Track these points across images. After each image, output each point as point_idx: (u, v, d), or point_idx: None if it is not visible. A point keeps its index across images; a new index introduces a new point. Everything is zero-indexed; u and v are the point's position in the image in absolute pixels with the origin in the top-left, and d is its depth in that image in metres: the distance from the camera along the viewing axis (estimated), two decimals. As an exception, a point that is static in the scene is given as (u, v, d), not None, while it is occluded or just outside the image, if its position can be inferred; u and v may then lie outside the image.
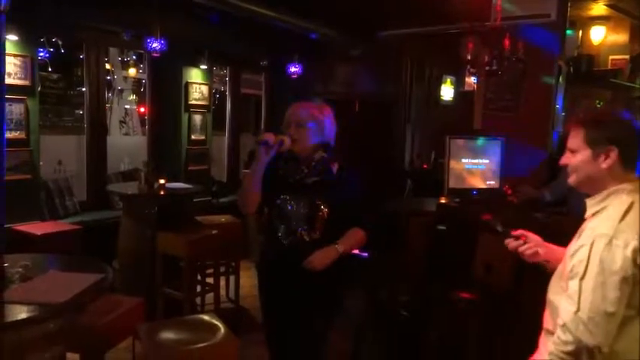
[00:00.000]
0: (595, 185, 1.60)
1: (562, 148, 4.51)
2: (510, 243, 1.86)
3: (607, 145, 1.55)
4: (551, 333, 1.58)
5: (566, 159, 1.64)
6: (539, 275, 1.89)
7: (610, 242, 1.45)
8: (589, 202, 1.63)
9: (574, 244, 1.59)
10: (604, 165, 1.56)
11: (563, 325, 1.48)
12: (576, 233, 1.63)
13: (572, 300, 1.48)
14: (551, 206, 3.44)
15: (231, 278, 4.75)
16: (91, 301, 2.02)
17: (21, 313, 1.82)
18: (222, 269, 4.61)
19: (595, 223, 1.56)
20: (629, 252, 1.44)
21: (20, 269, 2.15)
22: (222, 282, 4.62)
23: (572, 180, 1.65)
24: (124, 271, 4.15)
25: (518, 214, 3.34)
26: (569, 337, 1.46)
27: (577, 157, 1.61)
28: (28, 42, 4.41)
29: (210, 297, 4.27)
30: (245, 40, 6.24)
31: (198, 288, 4.33)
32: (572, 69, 4.90)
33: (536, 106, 4.09)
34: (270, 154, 2.13)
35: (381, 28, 6.17)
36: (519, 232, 1.86)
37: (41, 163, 4.75)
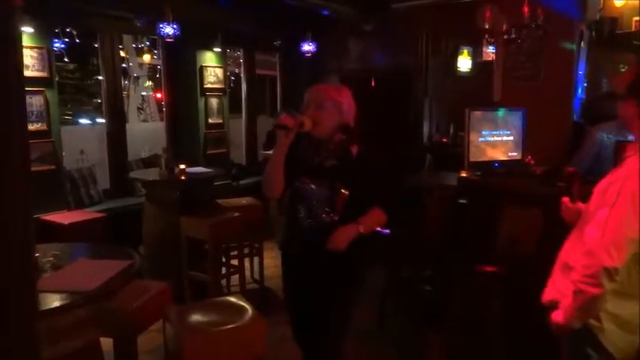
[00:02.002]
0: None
1: (585, 115, 4.40)
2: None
3: None
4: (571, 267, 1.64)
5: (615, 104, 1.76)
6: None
7: None
8: (630, 145, 1.71)
9: (606, 181, 1.69)
10: None
11: (588, 251, 1.59)
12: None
13: (598, 226, 1.59)
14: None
15: (255, 259, 4.81)
16: (121, 287, 2.06)
17: (54, 301, 1.87)
18: (246, 251, 4.67)
19: (631, 161, 1.64)
20: None
21: (51, 258, 2.20)
22: (247, 263, 4.67)
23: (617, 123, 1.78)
24: (150, 257, 4.23)
25: (543, 185, 3.28)
26: (591, 261, 1.56)
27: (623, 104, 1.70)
28: (43, 33, 4.43)
29: (235, 279, 4.33)
30: (257, 20, 6.19)
31: (223, 270, 4.39)
32: (594, 33, 4.74)
33: (558, 73, 3.98)
34: (290, 138, 2.12)
35: (394, 1, 6.04)
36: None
37: (63, 153, 4.83)
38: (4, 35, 0.71)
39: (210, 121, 5.97)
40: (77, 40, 5.92)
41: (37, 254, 2.20)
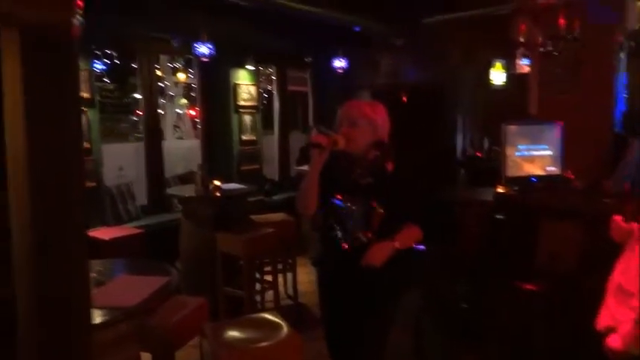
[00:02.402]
0: None
1: (627, 127, 4.27)
2: None
3: None
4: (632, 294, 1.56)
5: None
6: (608, 261, 1.82)
7: None
8: None
9: None
10: None
11: None
12: None
13: None
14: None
15: (289, 275, 4.80)
16: (160, 304, 2.10)
17: (96, 317, 1.91)
18: (280, 267, 4.67)
19: None
20: None
21: (94, 275, 2.26)
22: (280, 279, 4.67)
23: None
24: (186, 272, 4.29)
25: (585, 200, 3.19)
26: None
27: None
28: (85, 56, 4.61)
29: (269, 294, 4.33)
30: (289, 37, 6.28)
31: (258, 286, 4.41)
32: (633, 43, 4.62)
33: (597, 85, 3.88)
34: (324, 156, 2.11)
35: (424, 15, 6.04)
36: None
37: (103, 170, 4.98)
38: (67, 64, 0.76)
39: (243, 137, 6.06)
40: (117, 62, 6.14)
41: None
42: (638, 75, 4.68)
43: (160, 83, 7.13)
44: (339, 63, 6.71)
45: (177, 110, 9.58)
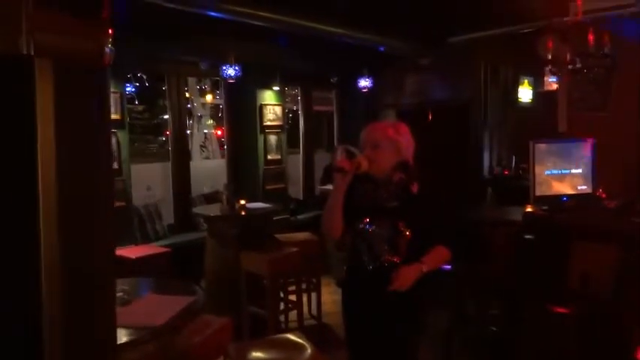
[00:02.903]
0: None
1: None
2: None
3: None
4: None
5: None
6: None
7: None
8: None
9: None
10: None
11: None
12: None
13: None
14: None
15: (313, 295, 4.78)
16: (186, 324, 2.11)
17: (123, 336, 1.93)
18: (304, 286, 4.65)
19: None
20: None
21: (121, 293, 2.29)
22: (304, 299, 4.65)
23: None
24: (211, 291, 4.31)
25: (617, 220, 3.09)
26: None
27: None
28: (117, 79, 4.76)
29: (293, 314, 4.31)
30: (314, 58, 6.35)
31: (282, 306, 4.39)
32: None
33: (628, 102, 3.79)
34: (347, 180, 2.11)
35: (450, 34, 6.04)
36: None
37: (132, 190, 5.08)
38: (98, 92, 0.78)
39: (269, 157, 6.12)
40: (147, 84, 6.31)
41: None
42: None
43: (188, 104, 7.28)
44: (364, 82, 6.74)
45: (205, 131, 9.73)
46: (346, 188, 2.14)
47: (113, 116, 4.69)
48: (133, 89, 6.12)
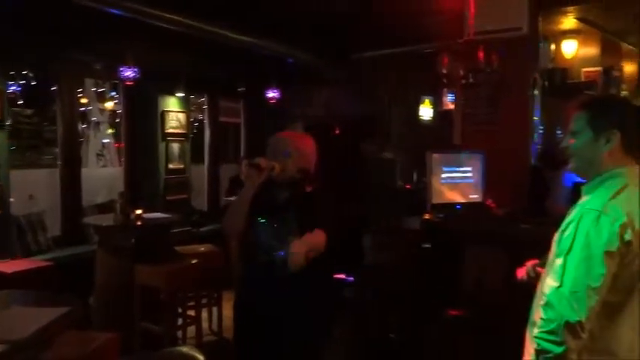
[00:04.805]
0: (593, 170, 1.57)
1: (542, 159, 4.48)
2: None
3: (609, 129, 1.52)
4: (535, 324, 1.51)
5: (568, 142, 1.62)
6: (532, 285, 1.82)
7: (598, 217, 1.43)
8: (585, 188, 1.59)
9: (563, 224, 1.55)
10: (605, 149, 1.53)
11: (546, 303, 1.42)
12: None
13: (556, 276, 1.44)
14: (535, 217, 3.40)
15: (214, 310, 4.58)
16: (57, 336, 1.88)
17: (-21, 352, 1.67)
18: (205, 301, 4.46)
19: (585, 200, 1.53)
20: (616, 227, 1.41)
21: (-20, 307, 2.00)
22: (205, 314, 4.45)
23: (571, 165, 1.62)
24: (101, 307, 3.98)
25: (504, 227, 3.28)
26: (551, 315, 1.39)
27: (578, 140, 1.58)
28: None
29: (192, 330, 4.10)
30: (222, 66, 6.22)
31: (180, 321, 4.16)
32: (546, 82, 4.95)
33: (515, 118, 4.09)
34: (262, 178, 2.19)
35: (356, 51, 6.20)
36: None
37: (11, 199, 4.59)
38: None
39: (170, 166, 5.84)
40: (33, 83, 5.78)
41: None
42: (551, 111, 5.00)
43: (82, 108, 6.80)
44: (273, 94, 6.70)
45: (104, 140, 9.16)
46: (257, 187, 2.20)
47: (-11, 115, 4.24)
48: (19, 88, 5.58)
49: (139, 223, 4.18)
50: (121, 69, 4.79)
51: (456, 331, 3.22)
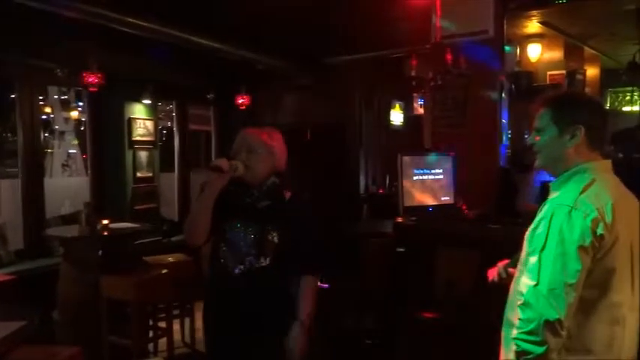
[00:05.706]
0: (560, 166, 1.58)
1: (511, 162, 4.54)
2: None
3: (574, 125, 1.53)
4: (513, 324, 1.49)
5: (533, 139, 1.62)
6: (504, 286, 1.82)
7: (570, 212, 1.43)
8: (553, 184, 1.60)
9: (534, 222, 1.54)
10: (570, 144, 1.54)
11: (524, 303, 1.41)
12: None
13: (532, 274, 1.42)
14: (506, 218, 3.42)
15: (187, 321, 4.47)
16: (10, 351, 1.77)
17: None
18: (176, 312, 4.35)
19: (555, 197, 1.53)
20: (588, 222, 1.41)
21: None
22: (177, 325, 4.34)
23: (538, 162, 1.63)
24: (66, 321, 3.84)
25: (475, 228, 3.30)
26: (529, 314, 1.38)
27: (543, 136, 1.59)
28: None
29: (163, 342, 3.99)
30: (191, 72, 6.12)
31: (151, 333, 4.04)
32: (513, 85, 5.02)
33: (483, 121, 4.12)
34: (224, 181, 2.04)
35: (326, 55, 6.19)
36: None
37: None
38: None
39: (138, 174, 5.70)
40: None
41: None
42: (519, 114, 5.07)
43: (44, 116, 6.59)
44: (242, 100, 6.63)
45: (70, 150, 8.91)
46: (218, 192, 2.04)
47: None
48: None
49: (105, 233, 4.06)
50: (84, 74, 4.65)
51: (429, 333, 3.21)
